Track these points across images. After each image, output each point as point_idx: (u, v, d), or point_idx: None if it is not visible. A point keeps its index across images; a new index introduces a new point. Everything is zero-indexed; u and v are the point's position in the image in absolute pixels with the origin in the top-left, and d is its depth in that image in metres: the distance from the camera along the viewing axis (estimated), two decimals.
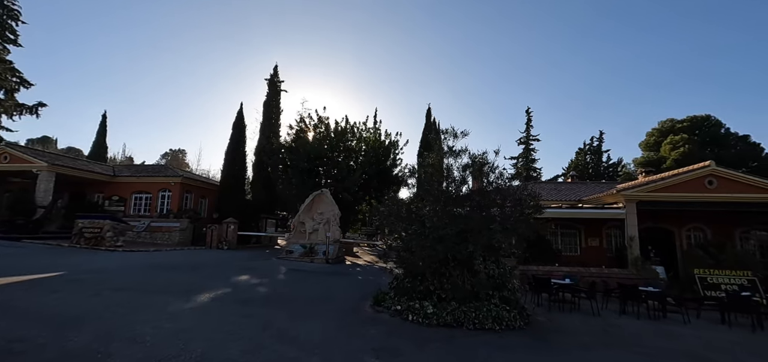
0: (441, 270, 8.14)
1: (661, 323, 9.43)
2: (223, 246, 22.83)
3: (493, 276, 8.19)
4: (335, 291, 10.96)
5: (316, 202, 22.15)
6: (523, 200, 7.88)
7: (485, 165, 8.26)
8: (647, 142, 39.16)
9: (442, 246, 7.82)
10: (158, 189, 25.36)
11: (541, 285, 10.51)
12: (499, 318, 7.36)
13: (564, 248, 18.70)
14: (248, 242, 27.56)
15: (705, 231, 17.78)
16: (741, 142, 34.27)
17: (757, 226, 17.34)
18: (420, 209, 8.75)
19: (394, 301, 8.09)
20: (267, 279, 12.35)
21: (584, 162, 41.49)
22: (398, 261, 8.74)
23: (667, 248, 17.57)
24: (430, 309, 7.50)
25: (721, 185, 14.96)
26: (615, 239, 18.55)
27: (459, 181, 8.58)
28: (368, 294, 9.76)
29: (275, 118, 32.84)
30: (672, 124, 37.40)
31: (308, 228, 21.56)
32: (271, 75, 33.52)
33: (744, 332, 8.95)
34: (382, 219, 8.84)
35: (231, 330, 6.02)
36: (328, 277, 13.82)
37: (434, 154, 9.58)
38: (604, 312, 10.19)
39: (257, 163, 30.85)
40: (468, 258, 7.81)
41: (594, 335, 7.51)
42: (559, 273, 13.20)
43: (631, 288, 10.27)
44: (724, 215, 16.93)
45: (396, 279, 8.70)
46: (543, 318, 8.82)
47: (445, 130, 8.91)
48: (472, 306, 7.57)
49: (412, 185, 9.94)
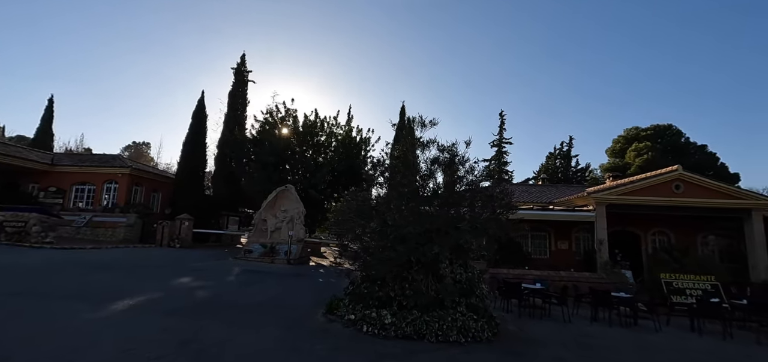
0: (403, 274, 7.22)
1: (633, 330, 8.97)
2: (176, 245, 21.00)
3: (460, 281, 7.36)
4: (289, 295, 9.84)
5: (280, 199, 20.80)
6: (495, 198, 7.10)
7: (455, 157, 7.43)
8: (613, 148, 40.22)
9: (405, 246, 6.91)
10: (103, 180, 23.08)
11: (511, 291, 9.84)
12: (466, 328, 6.52)
13: (534, 251, 18.37)
14: (206, 241, 25.69)
15: (669, 235, 17.93)
16: (699, 151, 35.76)
17: (716, 231, 17.67)
18: (381, 205, 7.81)
19: (348, 309, 7.09)
20: (213, 281, 11.03)
21: (554, 166, 42.16)
22: (358, 264, 7.76)
23: (633, 252, 17.59)
24: (389, 318, 6.56)
25: (687, 190, 15.01)
26: (584, 242, 18.40)
27: (426, 175, 7.70)
28: (325, 300, 8.71)
29: (241, 109, 31.03)
30: (637, 131, 38.58)
31: (270, 227, 20.19)
32: (237, 64, 31.65)
33: (715, 340, 8.62)
34: (337, 215, 7.85)
35: (131, 349, 4.81)
36: (285, 280, 12.63)
37: (401, 146, 8.68)
38: (575, 318, 9.67)
39: (220, 157, 28.98)
40: (433, 261, 6.94)
41: (568, 348, 6.83)
42: (530, 277, 12.68)
43: (603, 293, 9.80)
44: (688, 220, 17.12)
45: (352, 284, 7.71)
46: (513, 327, 8.10)
47: (412, 118, 8.01)
48: (436, 315, 6.70)
49: (377, 178, 8.96)
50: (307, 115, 25.39)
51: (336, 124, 26.04)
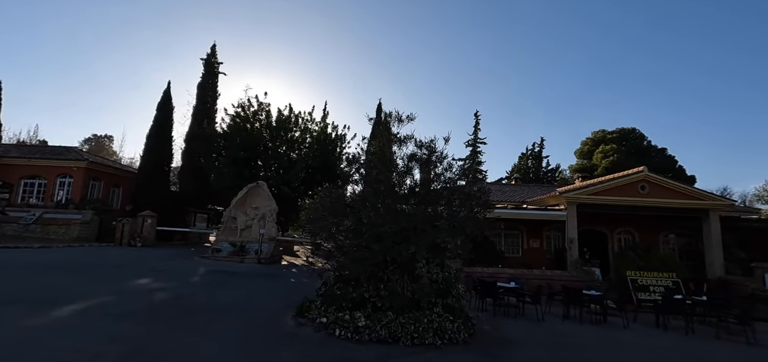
0: (378, 274, 6.94)
1: (603, 328, 9.11)
2: (137, 244, 19.76)
3: (436, 281, 7.16)
4: (257, 297, 9.33)
5: (251, 196, 20.03)
6: (473, 196, 6.95)
7: (433, 153, 7.21)
8: (582, 150, 41.62)
9: (380, 246, 6.63)
10: (56, 174, 21.40)
11: (487, 290, 9.78)
12: (442, 330, 6.33)
13: (507, 249, 18.58)
14: (172, 239, 24.42)
15: (634, 234, 18.62)
16: (659, 154, 37.58)
17: (676, 230, 18.52)
18: (357, 202, 7.49)
19: (320, 312, 6.73)
20: (175, 283, 10.33)
21: (526, 166, 43.18)
22: (331, 264, 7.40)
23: (600, 250, 18.14)
24: (363, 321, 6.26)
25: (652, 190, 15.58)
26: (554, 241, 18.80)
27: (403, 172, 7.45)
28: (296, 302, 8.29)
29: (211, 102, 29.77)
30: (603, 134, 40.07)
31: (240, 224, 19.40)
32: (207, 54, 30.30)
33: (679, 335, 8.89)
34: (310, 212, 7.47)
35: (69, 361, 4.27)
36: (254, 280, 12.05)
37: (377, 142, 8.38)
38: (547, 316, 9.72)
39: (187, 151, 27.64)
40: (410, 261, 6.70)
41: (543, 347, 6.78)
42: (504, 276, 12.72)
43: (576, 291, 9.91)
44: (651, 219, 17.83)
45: (325, 285, 7.35)
46: (488, 327, 8.00)
47: (389, 113, 7.74)
48: (411, 316, 6.46)
49: (353, 175, 8.62)
50: (281, 110, 24.63)
51: (311, 119, 25.43)
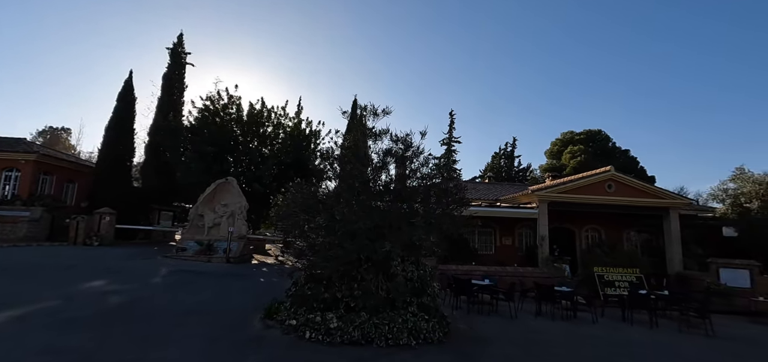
0: (352, 273, 6.68)
1: (574, 324, 9.25)
2: (94, 243, 18.48)
3: (412, 280, 6.98)
4: (223, 299, 8.83)
5: (220, 192, 19.19)
6: (450, 192, 6.81)
7: (409, 148, 7.02)
8: (551, 150, 42.93)
9: (354, 243, 6.36)
10: (1, 167, 19.64)
11: (461, 288, 9.73)
12: (417, 330, 6.15)
13: (481, 247, 18.76)
14: (133, 238, 23.08)
15: (600, 231, 19.28)
16: (623, 155, 39.33)
17: (638, 228, 19.35)
18: (329, 199, 7.18)
19: (289, 313, 6.39)
20: (133, 284, 9.62)
21: (499, 165, 44.06)
22: (302, 262, 7.06)
23: (569, 247, 18.67)
24: (335, 322, 5.98)
25: (618, 189, 16.15)
26: (526, 238, 19.17)
27: (378, 167, 7.20)
28: (265, 303, 7.89)
29: (178, 94, 28.38)
30: (572, 135, 41.50)
31: (207, 222, 18.53)
32: (174, 44, 28.83)
33: (645, 329, 9.17)
34: (280, 209, 7.10)
35: None
36: (221, 280, 11.46)
37: (351, 136, 8.09)
38: (520, 313, 9.80)
39: (152, 145, 26.23)
40: (384, 259, 6.47)
41: (518, 344, 6.75)
42: (478, 273, 12.77)
43: (548, 288, 10.05)
44: (616, 217, 18.51)
45: (295, 285, 7.00)
46: (463, 325, 7.92)
47: (364, 106, 7.46)
48: (386, 316, 6.24)
49: (326, 171, 8.29)
50: (253, 104, 23.78)
51: (284, 114, 24.71)
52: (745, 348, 8.13)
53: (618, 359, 6.40)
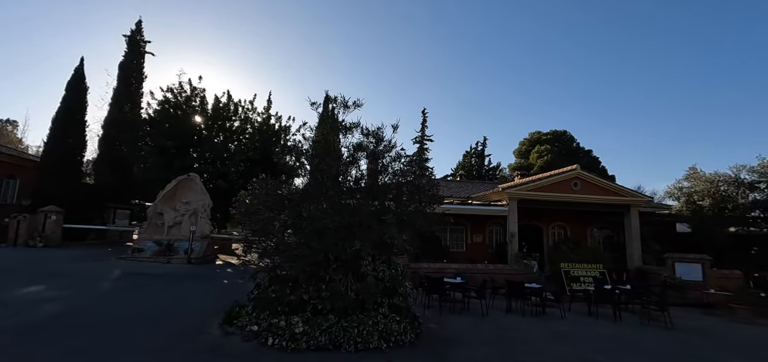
0: (319, 273, 6.31)
1: (543, 319, 9.34)
2: (37, 244, 16.91)
3: (382, 280, 6.70)
4: (181, 303, 8.19)
5: (181, 189, 18.12)
6: (422, 189, 6.59)
7: (381, 142, 6.72)
8: (520, 149, 44.12)
9: (322, 242, 6.00)
10: None
11: (434, 286, 9.58)
12: (388, 332, 5.88)
13: (452, 244, 18.83)
14: (85, 238, 21.40)
15: (566, 228, 19.87)
16: (586, 155, 41.03)
17: (601, 224, 20.11)
18: (296, 195, 6.77)
19: (251, 318, 5.94)
20: (76, 290, 8.75)
21: (470, 163, 44.80)
22: (266, 262, 6.61)
23: (537, 244, 19.12)
24: (300, 327, 5.60)
25: (583, 187, 16.65)
26: (496, 235, 19.43)
27: (349, 162, 6.87)
28: (225, 306, 7.36)
29: (136, 84, 26.63)
30: (539, 135, 42.82)
31: (167, 221, 17.44)
32: (132, 31, 27.02)
33: (610, 323, 9.40)
34: (242, 206, 6.62)
35: None
36: (180, 283, 10.72)
37: (321, 129, 7.70)
38: (491, 310, 9.80)
39: (106, 139, 24.46)
40: (354, 258, 6.15)
41: (491, 344, 6.64)
42: (450, 271, 12.72)
43: (518, 285, 10.10)
44: (581, 214, 19.13)
45: (258, 287, 6.54)
46: (434, 325, 7.76)
47: (334, 98, 7.09)
48: (355, 319, 5.93)
49: (295, 165, 7.85)
50: (219, 97, 22.67)
51: (252, 109, 23.75)
52: (701, 338, 8.47)
53: (588, 355, 6.42)
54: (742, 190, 15.26)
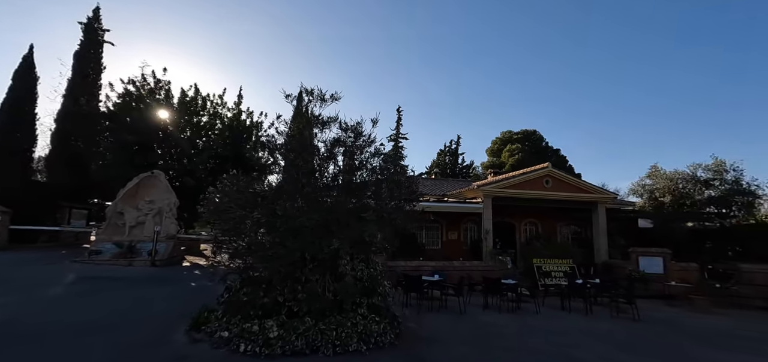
0: (295, 274, 6.01)
1: (519, 315, 9.43)
2: None
3: (361, 279, 6.49)
4: (143, 308, 7.62)
5: (144, 187, 17.10)
6: (402, 185, 6.43)
7: (360, 137, 6.49)
8: (492, 148, 45.10)
9: (298, 241, 5.71)
10: None
11: (412, 284, 9.47)
12: (368, 333, 5.68)
13: (428, 242, 18.88)
14: (36, 240, 19.82)
15: (537, 225, 20.42)
16: (555, 154, 42.49)
17: (570, 221, 20.82)
18: (270, 192, 6.43)
19: (221, 323, 5.56)
20: (23, 296, 7.97)
21: (444, 162, 45.30)
22: (237, 263, 6.23)
23: (510, 240, 19.52)
24: (275, 331, 5.29)
25: (554, 185, 17.12)
26: (471, 232, 19.66)
27: (326, 157, 6.59)
28: (193, 311, 6.89)
29: (94, 75, 25.01)
30: (510, 134, 43.94)
31: (129, 221, 16.39)
32: (89, 18, 25.32)
33: (582, 316, 9.64)
34: (210, 204, 6.21)
35: None
36: (142, 287, 10.04)
37: (296, 124, 7.37)
38: (468, 307, 9.80)
39: (60, 133, 22.79)
40: (332, 258, 5.90)
41: (469, 342, 6.58)
42: (427, 268, 12.67)
43: (495, 281, 10.17)
44: (552, 211, 19.70)
45: (228, 290, 6.15)
46: (413, 324, 7.63)
47: (309, 90, 6.78)
48: (333, 320, 5.69)
49: (267, 161, 7.46)
50: (185, 91, 21.59)
51: (222, 103, 22.80)
52: (666, 329, 8.83)
53: (563, 349, 6.49)
54: (698, 187, 16.20)
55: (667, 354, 6.55)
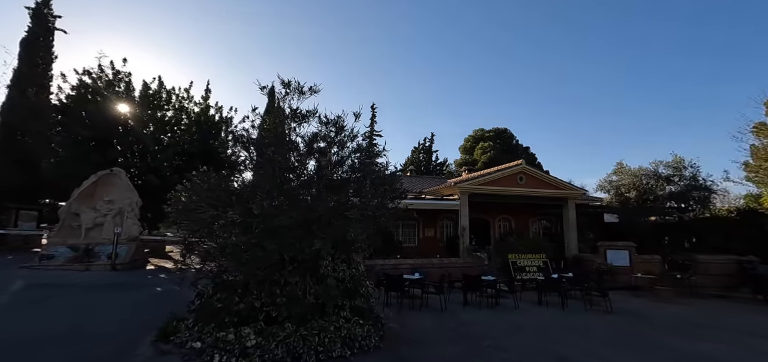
0: (273, 277, 5.65)
1: (499, 311, 9.46)
2: None
3: (343, 281, 6.22)
4: (102, 317, 6.98)
5: (103, 186, 15.93)
6: (386, 181, 6.20)
7: (342, 131, 6.20)
8: (465, 146, 45.78)
9: (276, 242, 5.36)
10: None
11: (393, 284, 9.29)
12: (352, 337, 5.43)
13: (405, 239, 18.80)
14: None
15: (511, 221, 20.83)
16: (525, 152, 43.70)
17: (541, 216, 21.41)
18: (245, 190, 6.02)
19: (192, 333, 5.12)
20: None
21: (418, 159, 45.51)
22: (210, 267, 5.79)
23: (485, 236, 19.79)
24: (253, 339, 4.93)
25: (528, 181, 17.49)
26: (447, 229, 19.76)
27: (306, 153, 6.25)
28: (159, 320, 6.36)
29: (44, 65, 23.12)
30: (482, 132, 44.77)
31: (86, 222, 15.21)
32: (37, 3, 23.29)
33: (558, 310, 9.83)
34: (178, 203, 5.73)
35: None
36: (101, 294, 9.27)
37: (271, 118, 6.97)
38: (448, 304, 9.73)
39: (5, 128, 20.92)
40: (313, 259, 5.59)
41: (455, 342, 6.48)
42: (405, 266, 12.56)
43: (475, 278, 10.18)
44: (524, 207, 20.16)
45: (200, 296, 5.70)
46: (396, 324, 7.43)
47: (286, 82, 6.40)
48: (315, 325, 5.39)
49: (239, 155, 7.01)
50: (148, 83, 20.31)
51: (188, 97, 21.68)
52: (637, 320, 9.12)
53: (550, 345, 6.52)
54: (660, 183, 17.06)
55: (643, 346, 6.72)
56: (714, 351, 6.56)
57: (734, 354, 6.40)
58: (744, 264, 14.52)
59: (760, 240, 16.46)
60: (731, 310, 10.65)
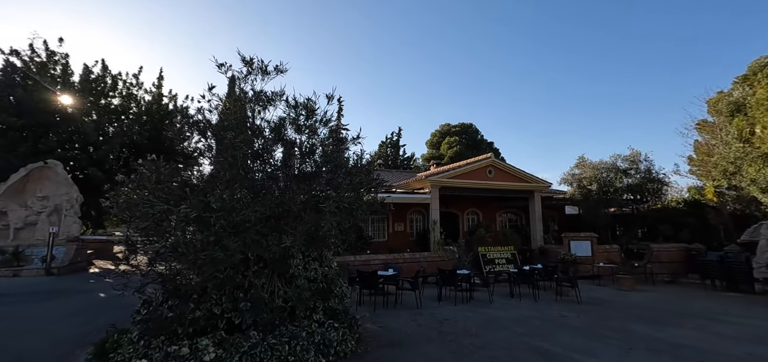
0: (236, 279, 4.98)
1: (474, 306, 9.29)
2: None
3: (315, 280, 5.66)
4: (30, 332, 5.94)
5: (35, 180, 14.14)
6: (361, 171, 5.69)
7: (313, 115, 5.60)
8: (432, 140, 46.10)
9: (240, 240, 4.69)
10: None
11: (367, 281, 8.82)
12: (326, 343, 4.90)
13: (374, 234, 18.38)
14: None
15: (479, 214, 21.02)
16: (489, 147, 44.75)
17: (508, 209, 21.82)
18: (202, 181, 5.28)
19: (137, 348, 4.36)
20: None
21: (386, 153, 45.22)
22: (159, 269, 5.00)
23: (454, 230, 19.82)
24: (211, 352, 4.26)
25: (496, 174, 17.64)
26: (417, 223, 19.56)
27: (272, 139, 5.59)
28: (99, 331, 5.47)
29: None
30: (449, 127, 45.28)
31: (14, 222, 13.44)
32: None
33: (531, 302, 9.84)
34: (120, 197, 4.90)
35: None
36: (31, 303, 8.04)
37: (231, 101, 6.22)
38: (423, 299, 9.45)
39: None
40: (282, 258, 4.97)
41: (436, 341, 6.13)
42: (377, 262, 12.13)
43: (451, 273, 9.94)
44: (492, 200, 20.39)
45: (147, 305, 4.92)
46: (372, 325, 7.00)
47: (248, 60, 5.69)
48: (285, 332, 4.81)
49: (195, 143, 6.20)
50: (90, 67, 18.30)
51: (137, 84, 19.82)
52: (605, 308, 9.31)
53: (530, 340, 6.35)
54: (618, 176, 17.86)
55: (619, 335, 6.74)
56: (682, 336, 6.71)
57: (700, 338, 6.58)
58: (691, 251, 15.53)
59: (704, 229, 17.73)
60: (685, 297, 11.22)
